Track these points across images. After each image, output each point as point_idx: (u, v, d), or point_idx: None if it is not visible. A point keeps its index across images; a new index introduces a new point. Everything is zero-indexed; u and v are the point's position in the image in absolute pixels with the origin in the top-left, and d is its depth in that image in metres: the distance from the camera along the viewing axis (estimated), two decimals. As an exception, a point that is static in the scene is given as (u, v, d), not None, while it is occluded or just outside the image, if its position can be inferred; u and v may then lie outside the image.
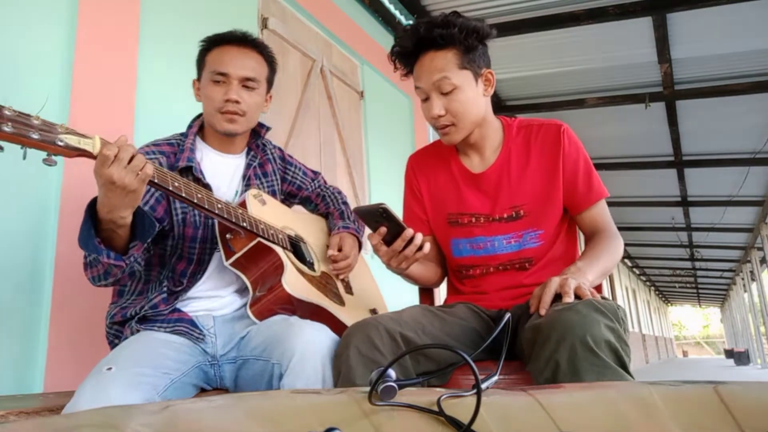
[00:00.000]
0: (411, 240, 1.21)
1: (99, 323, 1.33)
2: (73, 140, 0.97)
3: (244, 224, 1.26)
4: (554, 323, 1.01)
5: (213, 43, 1.40)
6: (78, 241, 1.09)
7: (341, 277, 1.54)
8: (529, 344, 1.08)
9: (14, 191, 1.58)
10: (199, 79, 1.42)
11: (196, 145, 1.40)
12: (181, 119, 1.48)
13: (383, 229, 1.20)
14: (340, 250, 1.51)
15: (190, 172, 1.33)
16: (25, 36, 1.66)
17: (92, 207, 1.08)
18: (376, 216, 1.18)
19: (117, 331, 1.28)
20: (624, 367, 0.98)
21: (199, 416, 0.52)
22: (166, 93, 2.09)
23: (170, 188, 1.11)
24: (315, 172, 1.68)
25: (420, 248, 1.22)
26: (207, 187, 1.33)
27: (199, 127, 1.44)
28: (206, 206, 1.18)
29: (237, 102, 1.34)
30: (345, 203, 1.68)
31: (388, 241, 1.22)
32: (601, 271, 1.24)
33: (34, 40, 1.68)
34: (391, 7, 4.06)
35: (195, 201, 1.16)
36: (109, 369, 1.04)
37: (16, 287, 1.55)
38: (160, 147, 1.35)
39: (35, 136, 0.91)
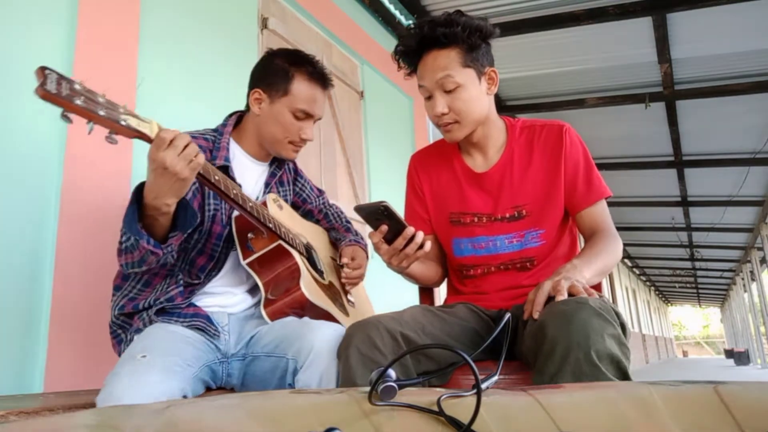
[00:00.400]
0: (412, 238, 1.21)
1: (99, 323, 1.33)
2: (133, 122, 1.00)
3: (270, 225, 1.28)
4: (557, 336, 0.99)
5: (299, 68, 1.40)
6: (123, 222, 1.10)
7: (348, 288, 1.57)
8: (531, 352, 1.07)
9: (14, 191, 1.58)
10: (266, 91, 1.39)
11: (231, 145, 1.42)
12: (181, 118, 1.48)
13: (384, 228, 1.20)
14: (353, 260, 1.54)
15: (225, 171, 1.34)
16: (25, 36, 1.66)
17: (138, 192, 1.10)
18: (377, 214, 1.18)
19: (124, 322, 1.28)
20: (625, 377, 0.99)
21: (200, 416, 0.52)
22: (167, 92, 2.09)
23: (212, 180, 1.14)
24: (320, 191, 1.71)
25: (421, 246, 1.22)
26: (239, 187, 1.35)
27: (234, 127, 1.45)
28: (240, 202, 1.21)
29: (308, 140, 1.42)
30: (348, 221, 1.71)
31: (389, 239, 1.21)
32: (598, 270, 1.23)
33: (34, 39, 1.68)
34: (391, 7, 4.06)
35: (231, 196, 1.19)
36: (144, 356, 1.06)
37: (16, 287, 1.55)
38: (197, 140, 1.35)
39: (102, 112, 0.94)
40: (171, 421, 0.49)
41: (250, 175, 1.45)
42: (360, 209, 1.19)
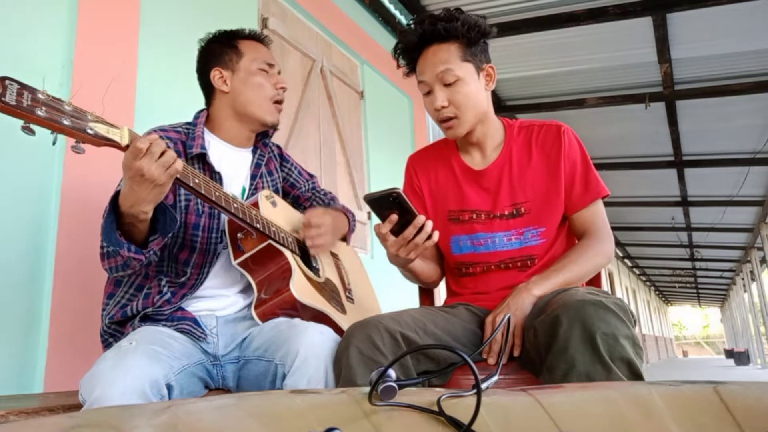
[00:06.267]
0: (421, 227, 1.18)
1: (99, 323, 1.33)
2: (102, 129, 0.98)
3: (258, 225, 1.26)
4: (571, 335, 1.00)
5: (234, 34, 1.44)
6: (101, 233, 1.10)
7: (313, 252, 1.46)
8: (542, 346, 1.07)
9: (14, 191, 1.58)
10: (223, 67, 1.40)
11: (205, 136, 1.41)
12: (181, 118, 1.48)
13: (394, 217, 1.16)
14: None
15: (203, 159, 1.33)
16: (25, 36, 1.66)
17: (114, 200, 1.09)
18: (388, 202, 1.15)
19: (115, 330, 1.28)
20: (638, 378, 1.00)
21: (200, 416, 0.52)
22: (167, 92, 2.09)
23: (191, 184, 1.12)
24: (311, 175, 1.68)
25: (429, 237, 1.19)
26: (217, 175, 1.34)
27: (205, 119, 1.44)
28: (223, 204, 1.19)
29: (285, 89, 1.43)
30: (331, 199, 1.66)
31: (396, 231, 1.19)
32: (559, 284, 1.25)
33: (34, 39, 1.68)
34: (391, 7, 4.07)
35: (213, 199, 1.17)
36: (130, 344, 1.07)
37: (17, 287, 1.55)
38: (168, 133, 1.34)
39: (67, 122, 0.93)
40: (171, 421, 0.49)
41: (229, 162, 1.42)
42: (370, 198, 1.15)
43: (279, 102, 1.43)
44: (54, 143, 0.93)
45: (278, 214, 1.40)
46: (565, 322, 1.02)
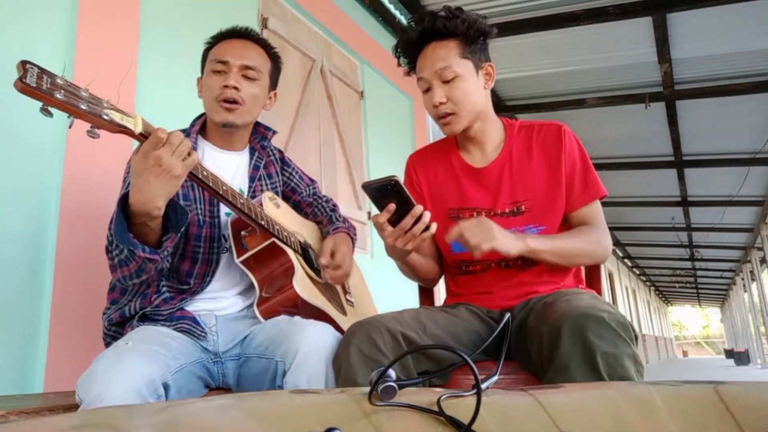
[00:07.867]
0: (419, 218, 1.17)
1: (99, 323, 1.33)
2: (116, 116, 1.00)
3: (262, 222, 1.27)
4: (572, 354, 1.00)
5: (216, 39, 1.43)
6: (114, 236, 1.08)
7: (332, 283, 1.48)
8: (544, 358, 1.07)
9: (14, 191, 1.58)
10: (201, 75, 1.44)
11: (198, 143, 1.41)
12: (181, 118, 1.48)
13: (392, 206, 1.15)
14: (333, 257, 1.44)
15: None
16: (25, 36, 1.66)
17: (122, 203, 1.09)
18: (386, 191, 1.14)
19: (116, 332, 1.28)
20: None
21: (200, 416, 0.52)
22: (167, 92, 2.09)
23: (200, 176, 1.13)
24: (312, 180, 1.68)
25: (427, 228, 1.19)
26: None
27: (201, 126, 1.45)
28: (230, 199, 1.20)
29: (236, 89, 1.33)
30: (333, 208, 1.66)
31: (394, 221, 1.18)
32: (552, 249, 1.28)
33: (34, 39, 1.68)
34: (391, 7, 4.06)
35: (220, 192, 1.17)
36: (127, 344, 1.08)
37: (17, 287, 1.55)
38: None
39: (83, 107, 0.95)
40: (171, 421, 0.49)
41: (225, 168, 1.42)
42: (367, 186, 1.15)
43: (225, 101, 1.33)
44: (70, 126, 0.96)
45: (281, 215, 1.41)
46: (567, 336, 1.01)
